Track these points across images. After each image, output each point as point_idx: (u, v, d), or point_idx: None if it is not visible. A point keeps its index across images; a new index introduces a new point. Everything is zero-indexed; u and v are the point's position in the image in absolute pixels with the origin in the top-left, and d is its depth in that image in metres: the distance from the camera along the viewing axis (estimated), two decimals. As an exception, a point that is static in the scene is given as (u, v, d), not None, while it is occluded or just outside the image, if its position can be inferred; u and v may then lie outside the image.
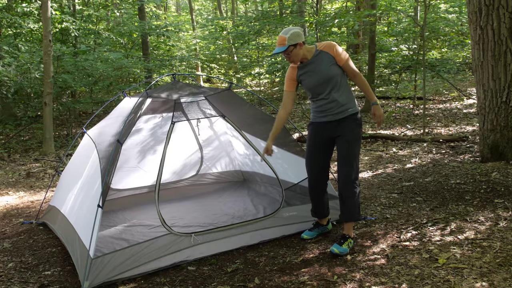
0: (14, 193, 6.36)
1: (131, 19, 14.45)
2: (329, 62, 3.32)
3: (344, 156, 3.34)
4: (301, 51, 3.31)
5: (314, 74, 3.36)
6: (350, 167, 3.32)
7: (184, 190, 5.20)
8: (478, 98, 5.37)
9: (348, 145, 3.33)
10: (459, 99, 11.58)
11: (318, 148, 3.49)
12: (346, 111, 3.36)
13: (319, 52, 3.35)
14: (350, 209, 3.37)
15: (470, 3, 5.15)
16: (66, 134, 10.95)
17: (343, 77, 3.37)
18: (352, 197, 3.34)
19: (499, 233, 3.30)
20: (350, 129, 3.34)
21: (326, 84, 3.33)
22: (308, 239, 3.64)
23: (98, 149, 3.69)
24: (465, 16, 11.20)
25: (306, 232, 3.69)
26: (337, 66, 3.33)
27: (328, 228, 3.75)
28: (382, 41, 12.76)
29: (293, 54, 3.31)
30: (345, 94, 3.37)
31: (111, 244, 3.29)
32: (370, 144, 7.71)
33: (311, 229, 3.70)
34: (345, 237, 3.37)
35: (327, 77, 3.32)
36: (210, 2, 26.99)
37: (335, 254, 3.26)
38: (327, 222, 3.75)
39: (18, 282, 3.28)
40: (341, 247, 3.29)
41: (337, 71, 3.33)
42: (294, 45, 3.27)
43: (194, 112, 4.19)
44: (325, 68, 3.32)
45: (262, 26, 12.52)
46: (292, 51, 3.29)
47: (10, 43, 10.82)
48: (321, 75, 3.33)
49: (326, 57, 3.33)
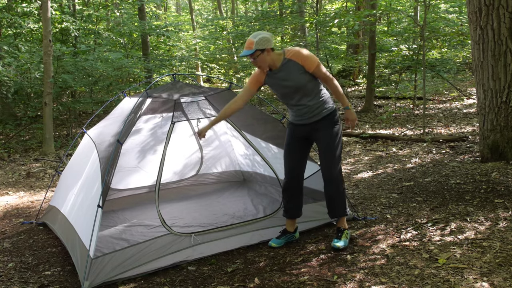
0: (14, 193, 6.36)
1: (131, 19, 14.43)
2: (297, 71, 3.26)
3: (324, 156, 3.39)
4: (268, 57, 3.24)
5: (283, 83, 3.32)
6: (330, 165, 3.37)
7: (184, 190, 5.20)
8: (478, 98, 5.37)
9: (327, 144, 3.37)
10: (459, 99, 11.58)
11: (295, 147, 3.52)
12: (320, 113, 3.36)
13: (287, 61, 3.27)
14: (335, 206, 3.46)
15: (470, 3, 5.14)
16: (66, 134, 10.95)
17: (314, 82, 3.32)
18: (336, 194, 3.41)
19: (499, 233, 3.30)
20: (326, 129, 3.37)
21: (295, 93, 3.32)
22: (276, 247, 3.55)
23: (98, 149, 3.69)
24: (465, 16, 11.19)
25: (273, 240, 3.59)
26: (307, 73, 3.27)
27: (296, 236, 3.64)
28: (382, 41, 12.76)
29: (260, 60, 3.23)
30: (316, 97, 3.34)
31: (111, 244, 3.29)
32: (370, 144, 7.71)
33: (278, 237, 3.61)
34: (341, 230, 3.47)
35: (295, 87, 3.29)
36: (210, 2, 26.99)
37: (337, 249, 3.34)
38: (295, 229, 3.65)
39: (18, 282, 3.28)
40: (340, 240, 3.39)
41: (306, 79, 3.27)
42: (261, 50, 3.20)
43: (194, 112, 4.19)
44: (293, 78, 3.27)
45: (262, 26, 12.51)
46: (258, 56, 3.22)
47: (10, 43, 10.81)
48: (289, 85, 3.30)
49: (294, 66, 3.26)
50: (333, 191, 3.42)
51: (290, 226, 3.63)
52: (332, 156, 3.36)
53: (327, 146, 3.37)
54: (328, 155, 3.37)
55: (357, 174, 5.86)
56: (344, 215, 3.50)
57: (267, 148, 4.43)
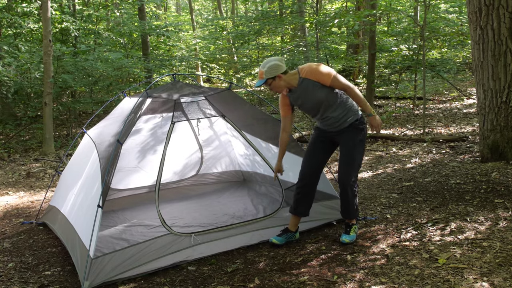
0: (14, 193, 6.36)
1: (131, 19, 14.42)
2: (314, 88, 3.34)
3: (344, 161, 3.45)
4: (281, 82, 3.35)
5: (304, 101, 3.43)
6: (349, 172, 3.44)
7: (184, 190, 5.20)
8: (478, 98, 5.37)
9: (348, 151, 3.43)
10: (459, 99, 11.58)
11: (318, 148, 3.58)
12: (345, 122, 3.42)
13: (303, 80, 3.36)
14: (350, 209, 3.54)
15: (470, 3, 5.14)
16: (66, 134, 10.95)
17: (334, 94, 3.37)
18: (350, 198, 3.48)
19: (499, 233, 3.30)
20: (350, 137, 3.43)
21: (318, 108, 3.41)
22: (277, 244, 3.56)
23: (98, 149, 3.69)
24: (465, 16, 11.19)
25: (275, 237, 3.61)
26: (324, 87, 3.33)
27: (296, 236, 3.65)
28: (382, 41, 12.75)
29: (274, 86, 3.37)
30: (340, 108, 3.39)
31: (111, 244, 3.29)
32: (370, 144, 7.71)
33: (279, 235, 3.63)
34: (349, 225, 3.55)
35: (316, 103, 3.38)
36: (210, 2, 26.98)
37: (346, 244, 3.43)
38: (296, 229, 3.67)
39: (18, 282, 3.28)
40: (349, 235, 3.48)
41: (325, 93, 3.34)
42: (272, 78, 3.31)
43: (194, 112, 4.20)
44: (311, 95, 3.36)
45: (262, 26, 12.51)
46: (271, 84, 3.35)
47: (10, 43, 10.80)
48: (310, 103, 3.41)
49: (310, 84, 3.34)
50: (349, 196, 3.48)
51: (293, 225, 3.65)
52: (351, 163, 3.43)
53: (348, 153, 3.43)
54: (348, 161, 3.43)
55: (357, 174, 5.86)
56: (355, 216, 3.59)
57: (267, 148, 4.43)
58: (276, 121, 4.33)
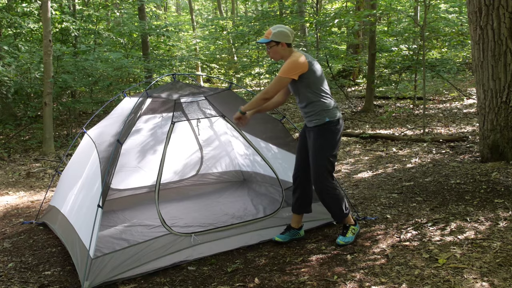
0: (14, 193, 6.36)
1: (131, 19, 14.42)
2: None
3: (311, 166, 3.44)
4: (282, 51, 3.35)
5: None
6: (315, 176, 3.41)
7: (184, 190, 5.20)
8: (478, 98, 5.37)
9: (311, 153, 3.42)
10: (459, 99, 11.58)
11: (302, 142, 3.59)
12: (311, 122, 3.43)
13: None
14: (333, 212, 3.53)
15: (470, 3, 5.14)
16: (66, 134, 10.94)
17: (301, 91, 3.38)
18: (329, 202, 3.45)
19: (499, 233, 3.30)
20: (311, 140, 3.43)
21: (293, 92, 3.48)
22: (281, 242, 3.57)
23: (98, 149, 3.69)
24: (465, 16, 11.20)
25: (278, 235, 3.61)
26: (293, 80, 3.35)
27: (300, 233, 3.66)
28: (382, 41, 12.74)
29: (273, 51, 3.37)
30: (305, 102, 3.39)
31: (111, 244, 3.29)
32: (370, 144, 7.71)
33: (283, 233, 3.63)
34: (346, 227, 3.50)
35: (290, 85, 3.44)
36: (210, 2, 26.98)
37: (341, 245, 3.39)
38: (300, 227, 3.67)
39: (18, 282, 3.28)
40: (345, 237, 3.44)
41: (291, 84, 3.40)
42: (276, 42, 3.32)
43: (194, 112, 4.19)
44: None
45: (262, 26, 12.52)
46: (272, 47, 3.35)
47: (10, 43, 10.80)
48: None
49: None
50: (326, 202, 3.47)
51: (296, 222, 3.64)
52: (313, 167, 3.40)
53: (311, 154, 3.42)
54: (312, 166, 3.42)
55: (357, 174, 5.86)
56: (343, 217, 3.52)
57: (267, 148, 4.43)
58: (276, 121, 4.33)
